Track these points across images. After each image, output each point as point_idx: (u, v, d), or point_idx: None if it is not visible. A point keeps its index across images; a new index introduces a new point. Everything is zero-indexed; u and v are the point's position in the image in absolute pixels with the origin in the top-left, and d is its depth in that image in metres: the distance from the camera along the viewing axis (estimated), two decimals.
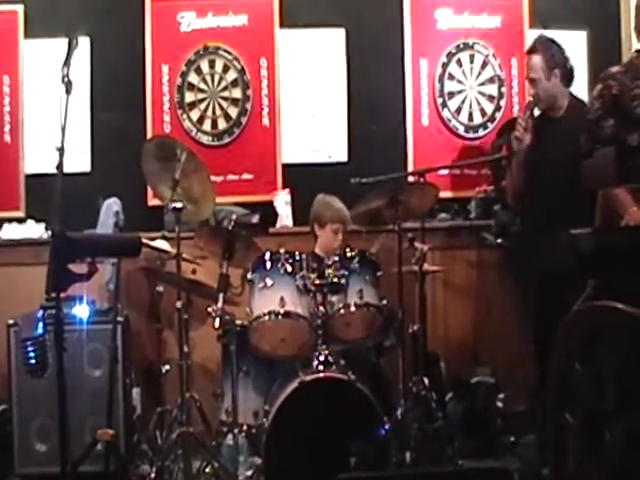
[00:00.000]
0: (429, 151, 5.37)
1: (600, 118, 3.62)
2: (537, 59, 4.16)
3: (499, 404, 4.74)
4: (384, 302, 3.99)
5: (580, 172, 3.72)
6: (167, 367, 4.42)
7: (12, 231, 5.06)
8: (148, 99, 5.27)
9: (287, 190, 5.26)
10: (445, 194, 5.07)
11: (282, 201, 5.23)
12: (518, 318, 4.83)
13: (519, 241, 4.61)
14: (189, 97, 5.30)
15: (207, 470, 3.91)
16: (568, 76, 4.20)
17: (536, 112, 4.22)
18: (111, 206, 4.70)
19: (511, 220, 4.78)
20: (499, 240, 4.97)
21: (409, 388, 4.13)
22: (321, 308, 3.86)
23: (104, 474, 3.83)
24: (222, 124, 5.32)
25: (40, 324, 3.67)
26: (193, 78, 5.30)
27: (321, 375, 3.71)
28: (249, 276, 3.99)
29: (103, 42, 5.23)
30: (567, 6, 5.52)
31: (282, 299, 3.84)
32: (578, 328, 2.70)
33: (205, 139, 5.30)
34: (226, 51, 5.31)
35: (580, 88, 4.77)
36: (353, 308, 3.92)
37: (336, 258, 3.97)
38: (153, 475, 3.85)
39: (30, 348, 3.72)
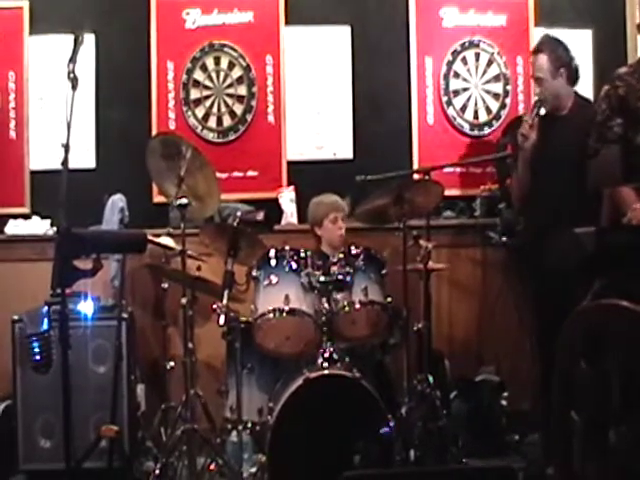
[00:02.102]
0: (434, 149, 5.36)
1: (608, 119, 3.61)
2: (543, 59, 4.15)
3: (503, 402, 4.73)
4: (389, 300, 3.99)
5: (585, 171, 3.73)
6: (172, 364, 4.42)
7: (17, 227, 5.06)
8: (153, 96, 5.26)
9: (292, 187, 5.25)
10: (450, 192, 5.04)
11: (287, 198, 5.22)
12: (523, 316, 4.82)
13: (524, 240, 4.60)
14: (194, 94, 5.30)
15: (211, 467, 3.92)
16: (573, 75, 4.19)
17: (542, 111, 4.21)
18: (116, 202, 4.70)
19: (516, 219, 4.76)
20: (504, 238, 4.95)
21: (414, 386, 4.12)
22: (326, 305, 3.85)
23: (108, 470, 3.84)
24: (227, 121, 5.31)
25: (45, 320, 3.67)
26: (198, 75, 5.29)
27: (326, 372, 3.70)
28: (254, 273, 3.99)
29: (108, 39, 5.23)
30: (572, 5, 5.49)
31: (287, 296, 3.84)
32: (583, 326, 2.70)
33: (210, 136, 5.30)
34: (231, 48, 5.30)
35: (585, 87, 4.77)
36: (358, 306, 3.91)
37: (341, 255, 3.98)
38: (157, 472, 3.86)
39: (35, 344, 3.72)
